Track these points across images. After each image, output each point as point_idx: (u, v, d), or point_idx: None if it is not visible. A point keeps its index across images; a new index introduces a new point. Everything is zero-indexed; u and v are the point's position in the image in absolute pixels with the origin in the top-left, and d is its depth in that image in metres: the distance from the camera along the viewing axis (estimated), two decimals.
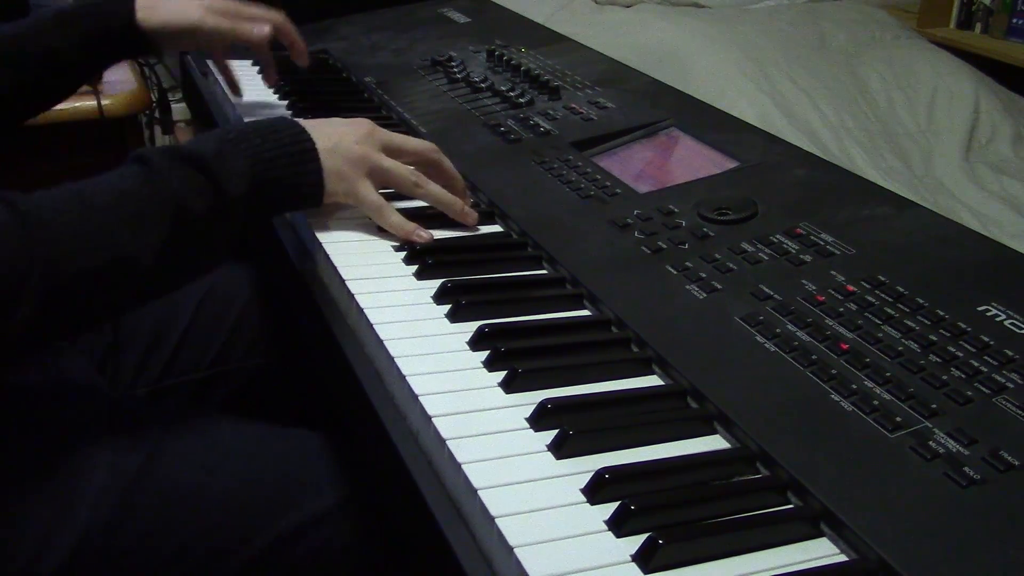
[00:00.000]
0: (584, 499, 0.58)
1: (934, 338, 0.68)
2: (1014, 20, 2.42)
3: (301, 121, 0.87)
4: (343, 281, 0.83)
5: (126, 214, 0.73)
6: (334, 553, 0.84)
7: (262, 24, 1.12)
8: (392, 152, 0.91)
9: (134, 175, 0.76)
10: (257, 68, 1.33)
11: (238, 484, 0.82)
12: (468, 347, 0.74)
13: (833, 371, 0.66)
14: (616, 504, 0.57)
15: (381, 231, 0.93)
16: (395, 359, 0.72)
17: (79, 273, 0.70)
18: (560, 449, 0.62)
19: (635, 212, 0.90)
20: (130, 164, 0.78)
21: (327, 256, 0.87)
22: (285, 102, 1.28)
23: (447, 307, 0.79)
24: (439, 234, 0.91)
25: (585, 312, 0.80)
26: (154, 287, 0.78)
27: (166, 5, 1.06)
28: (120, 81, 1.45)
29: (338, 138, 0.87)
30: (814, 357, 0.68)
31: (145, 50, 1.10)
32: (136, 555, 0.78)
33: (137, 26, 1.05)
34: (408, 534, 0.68)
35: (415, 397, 0.67)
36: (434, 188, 0.92)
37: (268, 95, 1.30)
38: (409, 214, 0.91)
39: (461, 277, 0.83)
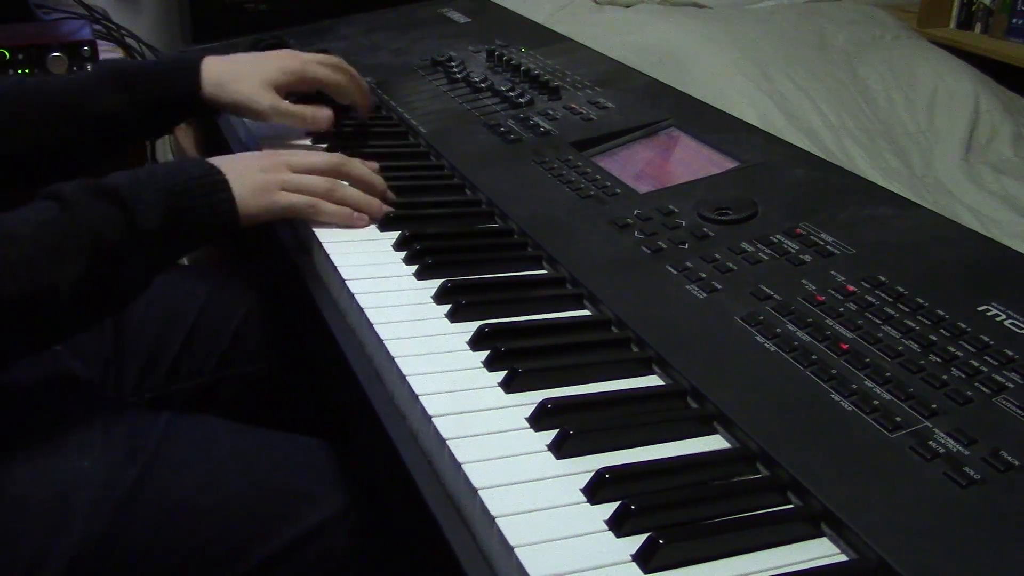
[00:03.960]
0: (584, 499, 0.58)
1: (934, 338, 0.68)
2: (1014, 20, 2.42)
3: (211, 159, 0.89)
4: (343, 281, 0.83)
5: (44, 245, 0.74)
6: (335, 561, 0.83)
7: (326, 113, 1.10)
8: (299, 170, 0.93)
9: (49, 208, 0.77)
10: None
11: (237, 494, 0.82)
12: (468, 347, 0.74)
13: (833, 371, 0.66)
14: (616, 504, 0.57)
15: (381, 231, 0.93)
16: (395, 359, 0.72)
17: (0, 302, 0.70)
18: (560, 449, 0.62)
19: (635, 212, 0.90)
20: (44, 199, 0.78)
21: (327, 256, 0.87)
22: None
23: (447, 307, 0.79)
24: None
25: (585, 312, 0.80)
26: (72, 320, 0.78)
27: (235, 85, 1.05)
28: None
29: (242, 167, 0.89)
30: (814, 357, 0.68)
31: (206, 115, 1.11)
32: (133, 568, 0.77)
33: (202, 99, 1.05)
34: (408, 535, 0.68)
35: (415, 397, 0.67)
36: (349, 191, 0.94)
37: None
38: None
39: (461, 277, 0.83)
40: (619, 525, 0.56)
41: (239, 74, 1.05)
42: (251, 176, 0.89)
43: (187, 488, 0.81)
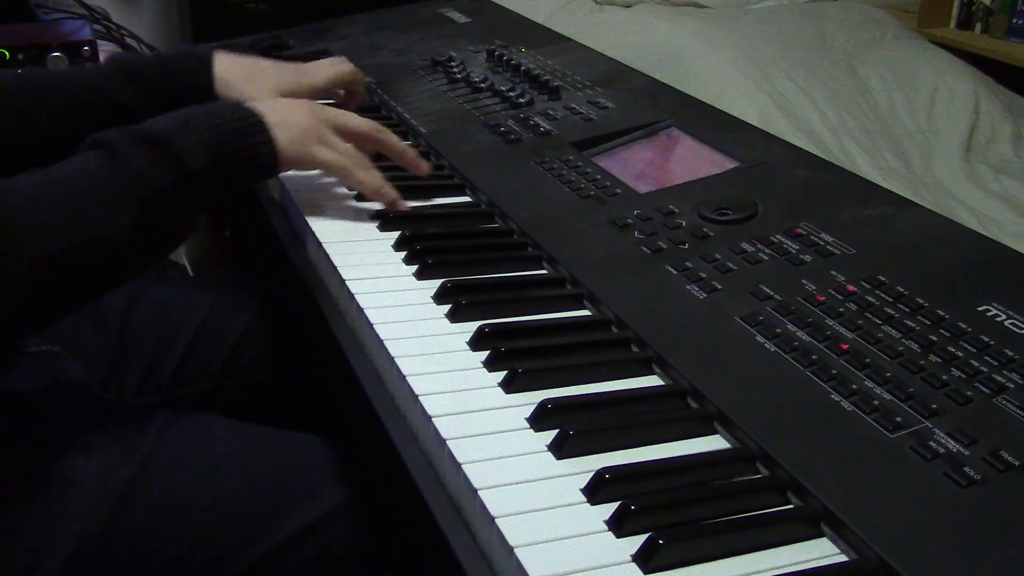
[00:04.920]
0: (584, 499, 0.58)
1: (934, 338, 0.68)
2: (1014, 20, 2.42)
3: (251, 103, 0.90)
4: (343, 281, 0.83)
5: (95, 194, 0.75)
6: (334, 558, 0.83)
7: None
8: (338, 129, 0.94)
9: (96, 157, 0.78)
10: None
11: (234, 491, 0.82)
12: (468, 347, 0.74)
13: (833, 371, 0.66)
14: (616, 504, 0.57)
15: (381, 231, 0.93)
16: (395, 359, 0.72)
17: (55, 256, 0.71)
18: (560, 449, 0.62)
19: (635, 212, 0.90)
20: (90, 148, 0.79)
21: (327, 256, 0.87)
22: None
23: (447, 307, 0.79)
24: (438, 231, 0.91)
25: (585, 312, 0.80)
26: (128, 265, 0.79)
27: (242, 86, 1.05)
28: None
29: (285, 113, 0.90)
30: (814, 357, 0.68)
31: None
32: (131, 567, 0.77)
33: (213, 95, 1.05)
34: (408, 535, 0.68)
35: (415, 397, 0.67)
36: (390, 137, 0.97)
37: None
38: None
39: (461, 277, 0.83)
40: (619, 525, 0.56)
41: (250, 76, 1.06)
42: (292, 124, 0.90)
43: (184, 485, 0.81)
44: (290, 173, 1.04)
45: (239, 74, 1.05)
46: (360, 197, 0.99)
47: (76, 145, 0.84)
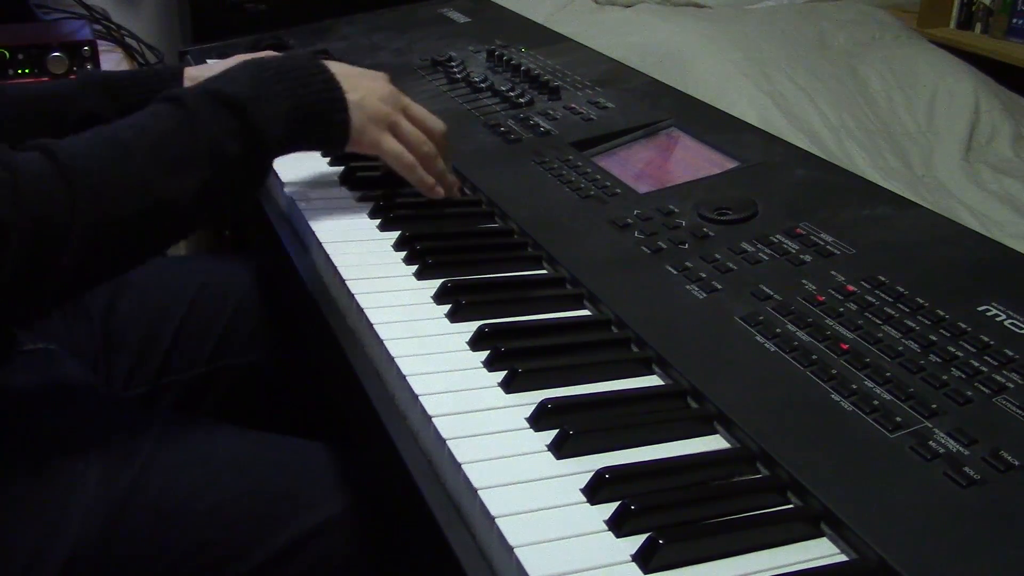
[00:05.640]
0: (584, 499, 0.58)
1: (934, 338, 0.68)
2: (1014, 20, 2.41)
3: (329, 65, 0.89)
4: (343, 281, 0.83)
5: (164, 158, 0.74)
6: (334, 563, 0.83)
7: None
8: (414, 119, 0.95)
9: (169, 116, 0.77)
10: None
11: (234, 497, 0.81)
12: (468, 347, 0.74)
13: (833, 371, 0.66)
14: (616, 504, 0.57)
15: (381, 231, 0.93)
16: (395, 359, 0.72)
17: (120, 218, 0.71)
18: (560, 449, 0.62)
19: (635, 212, 0.90)
20: (165, 102, 0.79)
21: (327, 256, 0.87)
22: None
23: (447, 307, 0.79)
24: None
25: (585, 312, 0.80)
26: (187, 228, 0.80)
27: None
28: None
29: (365, 91, 0.91)
30: (814, 357, 0.68)
31: None
32: (130, 571, 0.76)
33: None
34: (408, 536, 0.68)
35: (415, 397, 0.67)
36: (440, 163, 0.96)
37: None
38: None
39: (461, 277, 0.83)
40: (619, 525, 0.56)
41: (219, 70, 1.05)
42: (369, 104, 0.90)
43: (184, 490, 0.80)
44: (290, 173, 1.05)
45: (208, 71, 1.05)
46: (361, 197, 0.99)
47: None
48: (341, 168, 1.06)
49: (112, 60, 1.76)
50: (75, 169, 0.70)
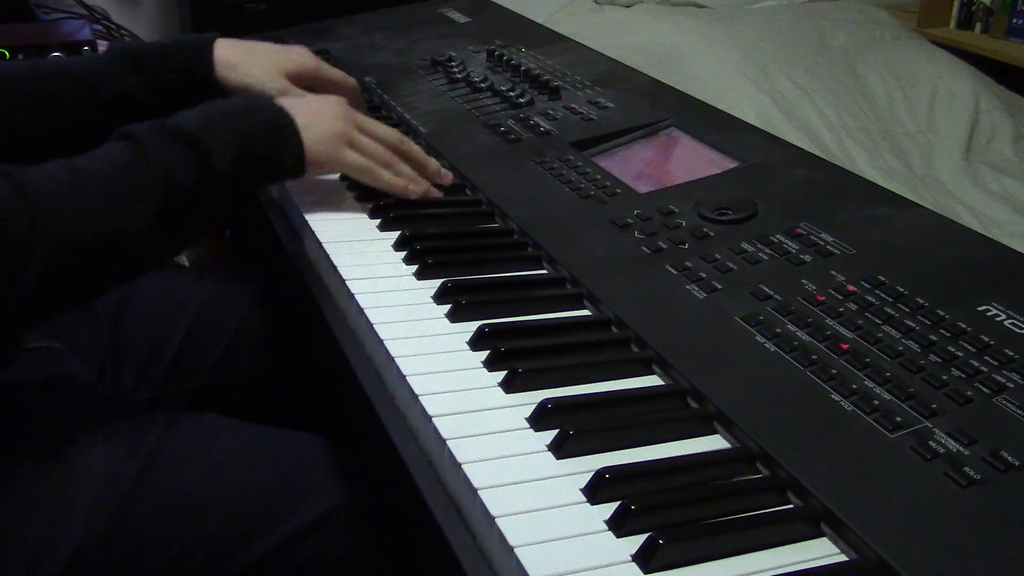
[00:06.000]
0: (584, 499, 0.58)
1: (934, 338, 0.68)
2: (1014, 20, 2.41)
3: (280, 100, 0.91)
4: (343, 281, 0.83)
5: (120, 188, 0.76)
6: (335, 557, 0.83)
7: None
8: (366, 132, 0.95)
9: (123, 150, 0.78)
10: None
11: (236, 489, 0.82)
12: (468, 347, 0.74)
13: (833, 371, 0.66)
14: (616, 504, 0.57)
15: (381, 231, 0.93)
16: (395, 359, 0.72)
17: (79, 243, 0.72)
18: (560, 449, 0.62)
19: (635, 212, 0.90)
20: (117, 140, 0.80)
21: (327, 256, 0.87)
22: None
23: (447, 307, 0.79)
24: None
25: (585, 312, 0.80)
26: (145, 259, 0.80)
27: (246, 67, 1.05)
28: None
29: (314, 115, 0.91)
30: (814, 357, 0.68)
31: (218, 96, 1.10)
32: (134, 563, 0.77)
33: (215, 80, 1.04)
34: (408, 534, 0.68)
35: (415, 397, 0.67)
36: (413, 146, 0.97)
37: None
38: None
39: (461, 277, 0.83)
40: (619, 525, 0.56)
41: (252, 57, 1.05)
42: (322, 124, 0.91)
43: (187, 483, 0.81)
44: None
45: (241, 56, 1.05)
46: (361, 197, 0.99)
47: (80, 134, 0.84)
48: None
49: None
50: (35, 193, 0.71)
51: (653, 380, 0.71)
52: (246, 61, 1.05)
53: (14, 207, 0.69)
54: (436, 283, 0.82)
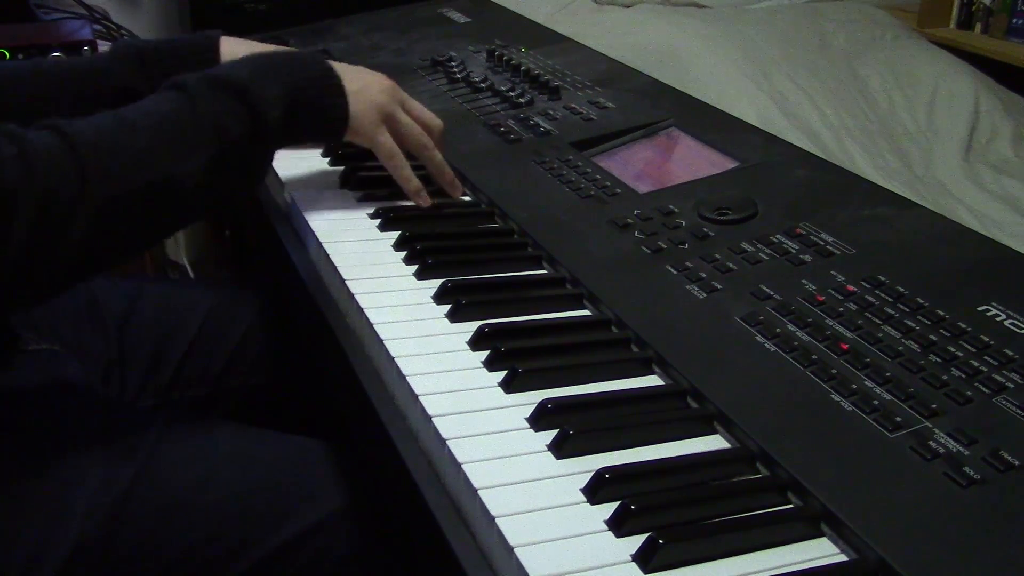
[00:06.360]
0: (584, 499, 0.58)
1: (934, 338, 0.68)
2: (1014, 20, 2.41)
3: (330, 61, 0.91)
4: (343, 281, 0.83)
5: (169, 137, 0.76)
6: (335, 560, 0.83)
7: None
8: (412, 113, 0.96)
9: (173, 100, 0.79)
10: None
11: (235, 493, 0.82)
12: (468, 347, 0.74)
13: (833, 371, 0.66)
14: (616, 504, 0.57)
15: (381, 231, 0.93)
16: (395, 359, 0.72)
17: (128, 193, 0.72)
18: (560, 449, 0.62)
19: (635, 212, 0.90)
20: (168, 90, 0.80)
21: (327, 256, 0.87)
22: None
23: (447, 307, 0.79)
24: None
25: (585, 312, 0.80)
26: (196, 209, 0.81)
27: None
28: None
29: (364, 83, 0.92)
30: (814, 357, 0.68)
31: None
32: (131, 566, 0.77)
33: None
34: (408, 535, 0.68)
35: (415, 397, 0.67)
36: (438, 156, 0.98)
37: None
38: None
39: (461, 277, 0.83)
40: (619, 525, 0.56)
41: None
42: (368, 94, 0.92)
43: (185, 486, 0.80)
44: (290, 172, 1.05)
45: (247, 52, 1.05)
46: (362, 198, 0.99)
47: None
48: (341, 168, 1.06)
49: None
50: (84, 145, 0.71)
51: (653, 380, 0.71)
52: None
53: (63, 159, 0.69)
54: (436, 283, 0.82)
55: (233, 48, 1.05)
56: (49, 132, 0.71)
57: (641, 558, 0.53)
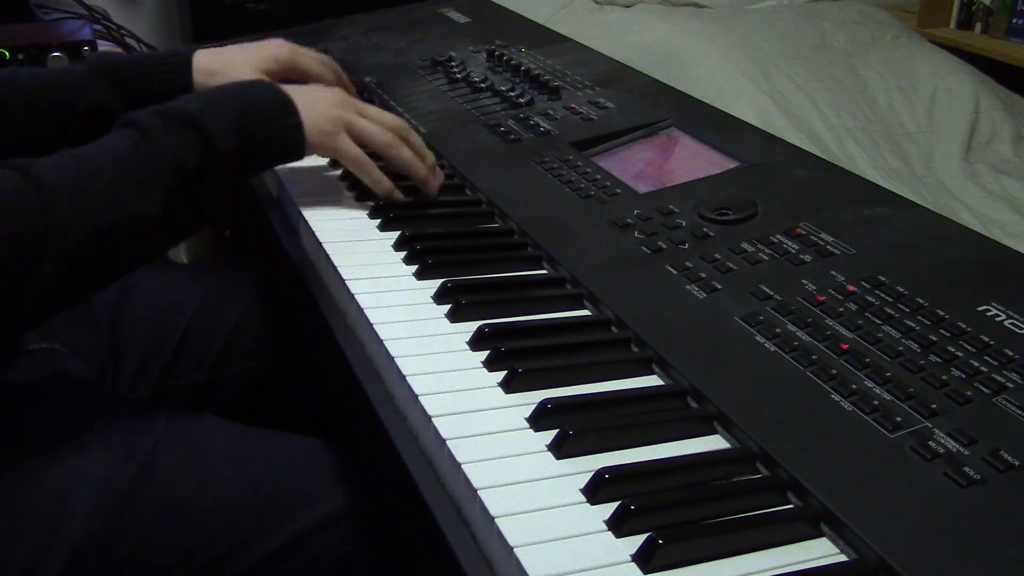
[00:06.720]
0: (584, 499, 0.58)
1: (934, 338, 0.68)
2: (1014, 20, 2.41)
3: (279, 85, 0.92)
4: (343, 281, 0.83)
5: (129, 175, 0.76)
6: (334, 560, 0.83)
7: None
8: (365, 117, 0.96)
9: (128, 137, 0.79)
10: None
11: (235, 493, 0.82)
12: (468, 347, 0.74)
13: (833, 371, 0.66)
14: (616, 504, 0.57)
15: (381, 231, 0.93)
16: (395, 359, 0.72)
17: (93, 232, 0.73)
18: (560, 449, 0.62)
19: (635, 212, 0.90)
20: (122, 127, 0.81)
21: (327, 256, 0.87)
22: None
23: (447, 307, 0.79)
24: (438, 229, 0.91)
25: (585, 312, 0.80)
26: (160, 242, 0.82)
27: (224, 73, 1.04)
28: None
29: (314, 98, 0.92)
30: (814, 357, 0.68)
31: None
32: (132, 566, 0.77)
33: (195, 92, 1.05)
34: (408, 535, 0.68)
35: (415, 397, 0.67)
36: (406, 152, 0.96)
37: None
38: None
39: (461, 277, 0.83)
40: (619, 525, 0.56)
41: (229, 62, 1.06)
42: (321, 108, 0.92)
43: (186, 486, 0.81)
44: (290, 172, 1.05)
45: (217, 64, 1.05)
46: (360, 196, 0.99)
47: (58, 145, 0.84)
48: (341, 168, 1.06)
49: None
50: (48, 186, 0.72)
51: (653, 380, 0.71)
52: (225, 68, 1.05)
53: (29, 200, 0.70)
54: (436, 283, 0.82)
55: (206, 62, 1.06)
56: (12, 172, 0.71)
57: (641, 558, 0.53)
